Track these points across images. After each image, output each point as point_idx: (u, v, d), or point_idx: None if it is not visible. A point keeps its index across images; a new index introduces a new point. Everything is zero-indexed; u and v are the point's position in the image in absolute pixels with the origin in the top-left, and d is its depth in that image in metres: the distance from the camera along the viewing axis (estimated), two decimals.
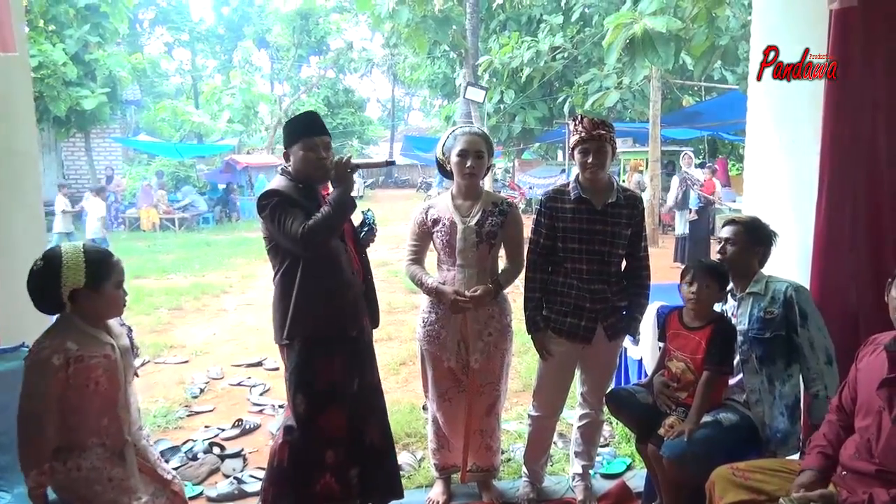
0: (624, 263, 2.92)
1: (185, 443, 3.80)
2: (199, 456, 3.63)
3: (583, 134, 2.75)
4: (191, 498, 3.19)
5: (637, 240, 2.89)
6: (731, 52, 7.80)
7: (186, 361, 5.58)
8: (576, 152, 2.81)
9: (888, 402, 1.89)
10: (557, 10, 15.95)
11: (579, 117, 2.81)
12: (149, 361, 5.58)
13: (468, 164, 2.82)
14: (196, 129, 22.67)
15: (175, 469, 3.48)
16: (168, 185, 18.22)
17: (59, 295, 2.10)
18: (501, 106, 17.17)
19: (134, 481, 2.17)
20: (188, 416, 4.33)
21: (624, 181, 16.11)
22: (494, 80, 15.56)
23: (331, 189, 2.58)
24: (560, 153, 21.42)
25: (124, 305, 2.22)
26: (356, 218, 2.78)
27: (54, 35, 14.34)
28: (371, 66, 32.61)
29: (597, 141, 2.74)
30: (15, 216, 2.74)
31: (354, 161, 2.59)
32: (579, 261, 2.82)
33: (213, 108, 23.93)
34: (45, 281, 2.09)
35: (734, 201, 11.47)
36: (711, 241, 9.60)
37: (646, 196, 12.80)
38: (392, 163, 2.82)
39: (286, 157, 2.65)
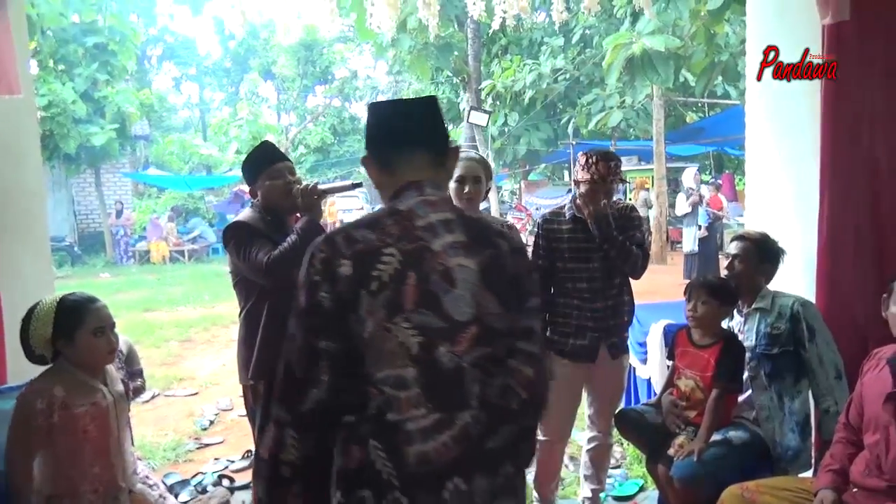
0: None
1: (194, 476, 3.79)
2: (208, 489, 3.61)
3: (595, 177, 2.75)
4: None
5: (635, 241, 2.84)
6: (731, 69, 7.84)
7: (196, 393, 5.58)
8: (582, 185, 2.79)
9: (895, 416, 1.87)
10: (558, 33, 16.10)
11: (594, 158, 2.79)
12: (158, 395, 5.59)
13: (466, 189, 2.84)
14: (204, 161, 22.88)
15: (185, 503, 3.50)
16: (177, 217, 18.38)
17: (31, 347, 2.14)
18: (506, 129, 17.27)
19: None
20: (198, 448, 4.32)
21: (630, 199, 16.12)
22: (498, 103, 15.69)
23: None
24: (566, 173, 21.47)
25: (111, 352, 2.21)
26: None
27: (64, 74, 14.56)
28: (376, 94, 32.89)
29: (608, 184, 2.76)
30: (23, 256, 2.77)
31: (321, 187, 2.51)
32: (579, 280, 2.82)
33: (220, 139, 24.18)
34: (22, 334, 2.14)
35: (741, 216, 11.44)
36: (720, 257, 9.55)
37: (652, 213, 12.79)
38: (359, 185, 2.73)
39: (253, 193, 2.59)
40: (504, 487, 1.34)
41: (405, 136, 1.43)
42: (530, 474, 3.19)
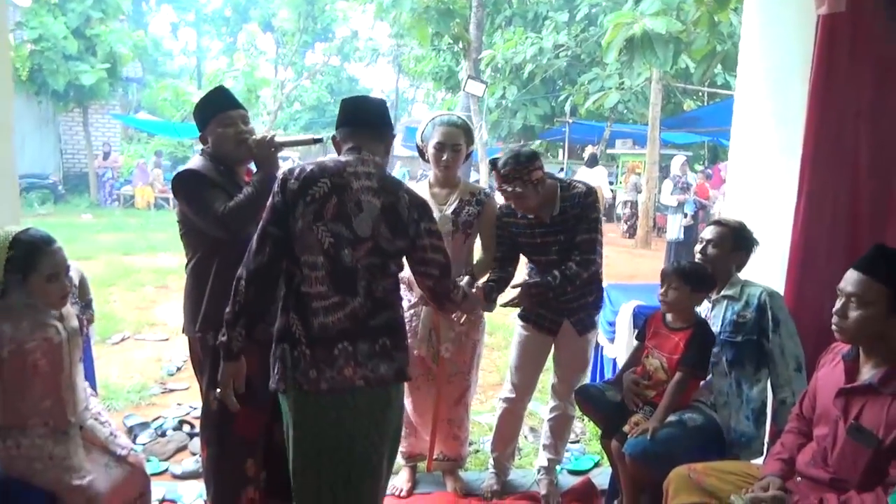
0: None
1: (155, 419, 3.79)
2: (168, 433, 3.62)
3: (499, 181, 2.72)
4: (156, 474, 3.18)
5: (583, 223, 2.76)
6: (732, 58, 7.73)
7: (167, 339, 5.55)
8: (501, 190, 2.76)
9: (844, 411, 1.88)
10: (563, 8, 15.90)
11: (493, 169, 2.75)
12: (129, 337, 5.57)
13: (444, 157, 2.81)
14: None
15: (143, 444, 3.50)
16: (166, 164, 18.15)
17: None
18: (503, 101, 17.13)
19: (77, 460, 2.15)
20: (162, 393, 4.32)
21: (621, 183, 16.10)
22: (497, 75, 15.52)
23: (254, 172, 2.43)
24: (560, 152, 21.37)
25: (64, 297, 2.16)
26: None
27: (56, 8, 14.24)
28: (377, 56, 32.48)
29: (514, 181, 2.68)
30: None
31: (278, 139, 2.41)
32: (540, 269, 2.86)
33: None
34: None
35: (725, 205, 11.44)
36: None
37: (641, 198, 12.80)
38: (320, 139, 2.55)
39: (203, 140, 2.46)
40: (380, 353, 1.96)
41: (358, 119, 2.11)
42: (489, 443, 3.22)
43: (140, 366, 4.83)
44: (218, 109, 2.43)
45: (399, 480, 3.06)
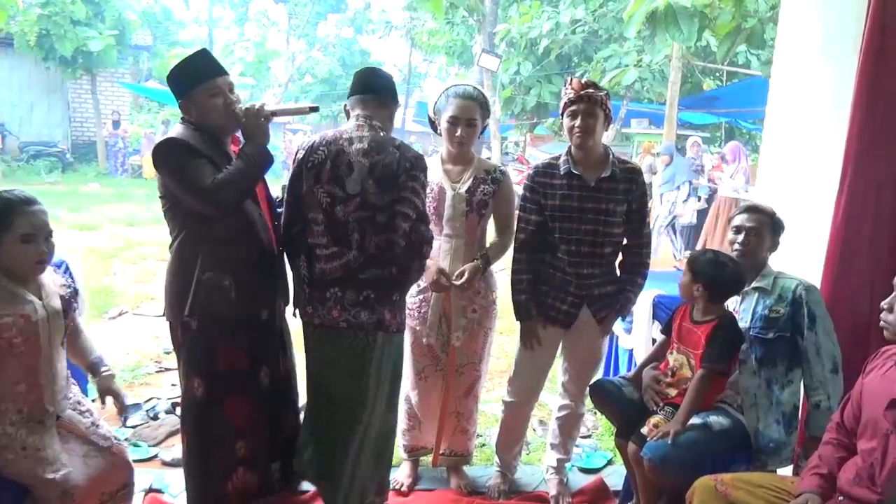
0: (624, 241, 2.69)
1: (148, 400, 3.64)
2: (160, 416, 3.46)
3: (571, 95, 2.51)
4: (145, 460, 3.05)
5: (638, 216, 2.65)
6: (757, 35, 7.41)
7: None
8: (564, 117, 2.56)
9: None
10: None
11: (569, 79, 2.57)
12: (127, 312, 5.42)
13: (458, 132, 2.60)
14: None
15: (134, 427, 3.35)
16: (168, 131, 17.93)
17: None
18: (517, 77, 16.74)
19: (52, 452, 1.99)
20: (157, 371, 4.15)
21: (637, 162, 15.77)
22: (511, 50, 15.15)
23: (241, 143, 2.27)
24: None
25: (40, 262, 1.99)
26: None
27: None
28: (390, 29, 32.03)
29: (585, 102, 2.48)
30: None
31: (269, 108, 2.24)
32: (568, 241, 2.59)
33: (225, 60, 23.54)
34: None
35: (747, 191, 11.15)
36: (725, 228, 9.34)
37: (656, 180, 12.50)
38: (315, 109, 2.45)
39: (184, 109, 2.25)
40: (363, 302, 2.25)
41: (364, 88, 2.35)
42: (493, 437, 3.04)
43: (136, 342, 4.68)
44: (203, 77, 2.23)
45: (400, 474, 2.90)
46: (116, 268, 6.97)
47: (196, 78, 2.22)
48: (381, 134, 2.27)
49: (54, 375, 2.07)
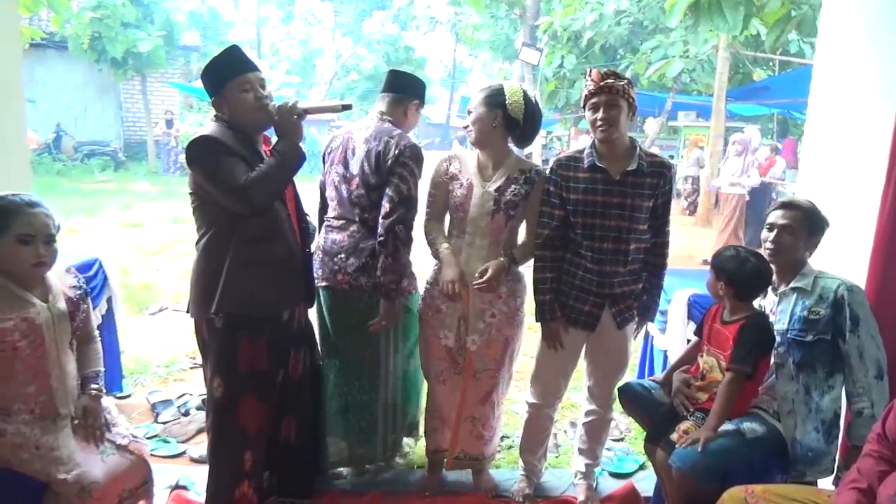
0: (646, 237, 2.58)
1: (180, 396, 3.67)
2: (190, 412, 3.49)
3: (591, 87, 2.41)
4: (174, 456, 3.08)
5: (663, 212, 2.54)
6: (808, 22, 7.07)
7: None
8: (586, 110, 2.46)
9: None
10: None
11: (588, 70, 2.47)
12: (167, 308, 5.50)
13: (467, 124, 2.57)
14: None
15: (165, 423, 3.39)
16: None
17: None
18: (561, 71, 16.51)
19: (66, 451, 2.00)
20: (191, 368, 4.19)
21: (682, 157, 15.40)
22: (554, 43, 14.94)
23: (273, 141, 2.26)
24: None
25: (37, 265, 1.99)
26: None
27: None
28: (434, 25, 32.04)
29: (606, 93, 2.38)
30: None
31: (302, 105, 2.22)
32: (591, 237, 2.48)
33: (272, 58, 23.91)
34: None
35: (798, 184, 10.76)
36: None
37: (703, 173, 12.17)
38: (348, 107, 2.37)
39: (216, 106, 2.24)
40: (362, 268, 2.57)
41: (385, 87, 2.75)
42: (517, 439, 2.97)
43: (173, 339, 4.74)
44: (234, 72, 2.20)
45: (424, 478, 2.84)
46: (159, 264, 7.11)
47: (227, 74, 2.21)
48: (385, 125, 2.61)
49: (65, 377, 2.08)
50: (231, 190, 2.10)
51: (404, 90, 2.70)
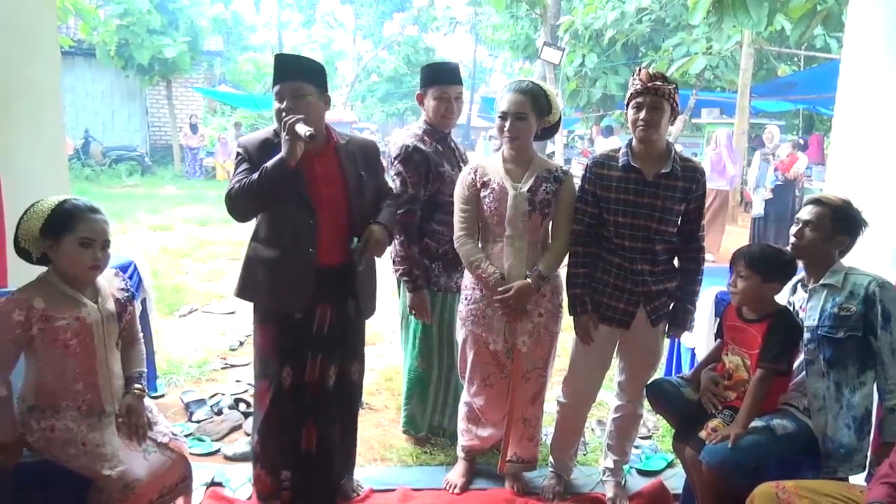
0: (677, 240, 2.59)
1: (213, 396, 3.74)
2: (224, 411, 3.56)
3: (637, 86, 2.42)
4: (208, 454, 3.14)
5: (695, 217, 2.56)
6: (834, 17, 6.99)
7: (233, 312, 5.52)
8: (629, 108, 2.48)
9: None
10: None
11: (637, 69, 2.48)
12: (197, 310, 5.60)
13: (506, 127, 2.54)
14: None
15: (199, 422, 3.46)
16: (240, 134, 18.42)
17: (18, 238, 2.05)
18: (582, 69, 16.43)
19: (111, 448, 2.06)
20: (223, 368, 4.28)
21: (705, 155, 15.25)
22: (576, 42, 14.88)
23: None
24: None
25: (94, 268, 2.07)
26: None
27: None
28: (454, 26, 32.07)
29: (652, 95, 2.40)
30: (35, 155, 2.64)
31: (297, 126, 2.19)
32: (622, 236, 2.51)
33: None
34: (17, 230, 2.05)
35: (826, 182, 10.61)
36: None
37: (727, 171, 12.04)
38: (313, 137, 2.26)
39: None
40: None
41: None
42: (548, 437, 2.99)
43: (204, 339, 4.83)
44: (274, 81, 2.37)
45: (454, 474, 2.88)
46: (188, 267, 7.22)
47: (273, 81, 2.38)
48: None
49: (111, 376, 2.16)
50: (225, 195, 2.32)
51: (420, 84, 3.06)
